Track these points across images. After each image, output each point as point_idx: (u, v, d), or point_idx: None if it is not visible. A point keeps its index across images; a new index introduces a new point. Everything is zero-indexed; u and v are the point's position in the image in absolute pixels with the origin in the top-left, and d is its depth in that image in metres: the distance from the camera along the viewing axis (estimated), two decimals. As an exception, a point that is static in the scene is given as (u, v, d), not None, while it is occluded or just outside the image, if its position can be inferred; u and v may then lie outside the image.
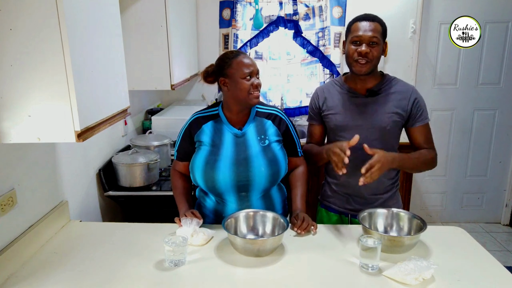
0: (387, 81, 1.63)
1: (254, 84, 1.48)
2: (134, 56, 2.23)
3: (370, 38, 1.51)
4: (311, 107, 1.75)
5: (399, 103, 1.59)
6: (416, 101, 1.60)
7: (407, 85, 1.64)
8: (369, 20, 1.53)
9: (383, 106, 1.59)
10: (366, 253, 1.27)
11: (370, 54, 1.51)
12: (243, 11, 3.11)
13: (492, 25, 3.18)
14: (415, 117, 1.61)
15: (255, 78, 1.49)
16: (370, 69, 1.54)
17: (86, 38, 1.17)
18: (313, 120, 1.76)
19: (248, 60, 1.49)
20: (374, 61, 1.53)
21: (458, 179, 3.53)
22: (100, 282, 1.24)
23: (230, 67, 1.48)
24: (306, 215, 1.55)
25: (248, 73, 1.46)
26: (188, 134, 1.59)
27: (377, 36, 1.51)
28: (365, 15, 1.55)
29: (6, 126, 1.12)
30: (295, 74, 3.31)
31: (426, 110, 1.64)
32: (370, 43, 1.51)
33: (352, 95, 1.63)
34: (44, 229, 1.50)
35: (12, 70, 1.07)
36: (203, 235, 1.45)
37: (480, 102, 3.35)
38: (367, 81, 1.60)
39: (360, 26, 1.52)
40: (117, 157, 2.11)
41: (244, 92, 1.47)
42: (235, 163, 1.50)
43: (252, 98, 1.49)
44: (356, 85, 1.63)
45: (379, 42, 1.52)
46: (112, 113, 1.35)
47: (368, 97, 1.61)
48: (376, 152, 1.46)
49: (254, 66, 1.49)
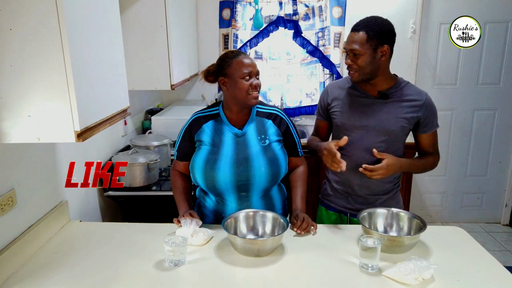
0: (400, 85, 1.61)
1: (253, 85, 1.48)
2: (134, 56, 2.23)
3: (350, 50, 1.54)
4: (320, 102, 1.76)
5: (411, 109, 1.58)
6: (429, 109, 1.59)
7: (421, 91, 1.62)
8: (355, 30, 1.53)
9: (393, 110, 1.58)
10: (366, 253, 1.27)
11: (353, 65, 1.54)
12: (243, 11, 3.11)
13: (492, 25, 3.18)
14: (426, 124, 1.60)
15: (254, 78, 1.49)
16: (360, 78, 1.55)
17: (86, 38, 1.17)
18: (320, 115, 1.77)
19: (248, 60, 1.48)
20: (361, 70, 1.54)
21: (458, 179, 3.53)
22: (100, 282, 1.24)
23: (230, 66, 1.48)
24: (306, 215, 1.55)
25: (247, 73, 1.46)
26: (188, 134, 1.59)
27: (357, 48, 1.51)
28: (355, 24, 1.55)
29: (6, 126, 1.12)
30: (295, 74, 3.31)
31: (437, 118, 1.63)
32: (353, 54, 1.53)
33: (362, 95, 1.63)
34: (44, 229, 1.50)
35: (12, 70, 1.07)
36: (203, 235, 1.45)
37: (480, 102, 3.35)
38: (378, 83, 1.60)
39: (348, 37, 1.56)
40: (117, 157, 2.11)
41: (243, 92, 1.47)
42: (235, 162, 1.50)
43: (251, 99, 1.49)
44: (367, 86, 1.62)
45: (361, 52, 1.51)
46: (112, 113, 1.35)
47: (379, 99, 1.60)
48: (385, 157, 1.48)
49: (253, 66, 1.49)
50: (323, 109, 1.74)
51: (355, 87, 1.65)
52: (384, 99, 1.59)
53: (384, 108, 1.59)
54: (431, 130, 1.62)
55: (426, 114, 1.58)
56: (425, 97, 1.60)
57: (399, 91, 1.60)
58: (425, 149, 1.66)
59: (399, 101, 1.59)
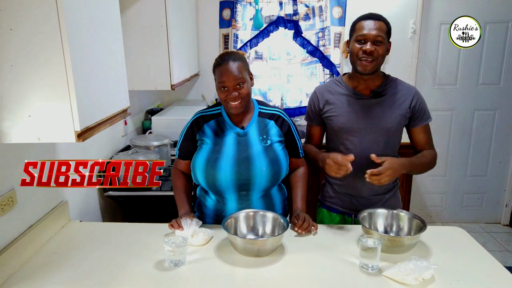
0: (390, 82, 1.62)
1: (230, 97, 1.46)
2: (134, 56, 2.23)
3: (375, 36, 1.50)
4: (310, 108, 1.74)
5: (403, 104, 1.60)
6: (419, 102, 1.61)
7: (409, 86, 1.65)
8: (374, 19, 1.53)
9: (388, 108, 1.59)
10: (366, 253, 1.27)
11: (375, 52, 1.51)
12: (243, 11, 3.11)
13: (492, 25, 3.18)
14: (418, 117, 1.62)
15: (232, 90, 1.45)
16: (374, 68, 1.54)
17: (86, 38, 1.17)
18: (312, 121, 1.75)
19: (226, 72, 1.44)
20: (379, 59, 1.53)
21: (458, 179, 3.53)
22: (100, 282, 1.24)
23: (214, 73, 1.50)
24: (307, 215, 1.55)
25: (222, 85, 1.46)
26: (190, 133, 1.59)
27: (381, 35, 1.51)
28: (370, 14, 1.55)
29: (6, 126, 1.12)
30: (295, 74, 3.31)
31: (428, 110, 1.64)
32: (375, 42, 1.51)
33: (356, 96, 1.62)
34: (44, 229, 1.50)
35: (12, 70, 1.07)
36: (203, 235, 1.45)
37: (480, 102, 3.35)
38: (370, 81, 1.60)
39: (365, 25, 1.52)
40: (117, 157, 2.11)
41: (222, 100, 1.50)
42: (237, 162, 1.50)
43: (230, 108, 1.49)
44: (359, 86, 1.62)
45: (383, 41, 1.52)
46: (112, 113, 1.35)
47: (372, 98, 1.60)
48: (385, 159, 1.48)
49: (230, 79, 1.43)
50: (315, 114, 1.72)
51: (346, 88, 1.65)
52: (377, 98, 1.60)
53: (379, 107, 1.60)
54: (425, 122, 1.63)
55: (418, 107, 1.61)
56: (414, 90, 1.64)
57: (390, 88, 1.61)
58: (421, 144, 1.66)
59: (392, 97, 1.60)
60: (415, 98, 1.60)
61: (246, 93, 1.47)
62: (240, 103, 1.47)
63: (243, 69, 1.47)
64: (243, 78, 1.46)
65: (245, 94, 1.47)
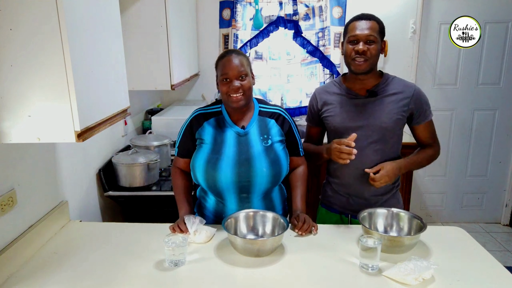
0: (387, 80, 1.62)
1: (231, 88, 1.45)
2: (134, 56, 2.23)
3: (366, 36, 1.51)
4: (310, 109, 1.76)
5: (401, 102, 1.59)
6: (419, 99, 1.60)
7: (408, 83, 1.64)
8: (365, 19, 1.53)
9: (384, 107, 1.59)
10: (366, 253, 1.27)
11: (367, 52, 1.52)
12: (243, 11, 3.11)
13: (492, 25, 3.18)
14: (419, 115, 1.61)
15: (235, 81, 1.44)
16: (368, 67, 1.54)
17: (86, 38, 1.17)
18: (312, 122, 1.77)
19: (229, 63, 1.45)
20: (372, 59, 1.54)
21: (458, 179, 3.53)
22: (100, 282, 1.24)
23: (217, 68, 1.50)
24: (307, 216, 1.55)
25: (224, 77, 1.45)
26: (189, 131, 1.58)
27: (373, 35, 1.51)
28: (361, 15, 1.56)
29: (6, 126, 1.12)
30: (295, 74, 3.31)
31: (430, 107, 1.64)
32: (367, 42, 1.52)
33: (352, 96, 1.63)
34: (44, 229, 1.50)
35: (12, 70, 1.07)
36: (205, 233, 1.45)
37: (480, 102, 3.35)
38: (367, 81, 1.60)
39: (357, 25, 1.53)
40: (117, 157, 2.11)
41: (223, 94, 1.48)
42: (237, 163, 1.49)
43: (231, 101, 1.47)
44: (355, 86, 1.63)
45: (376, 40, 1.52)
46: (112, 113, 1.34)
47: (368, 97, 1.60)
48: (380, 167, 1.53)
49: (233, 69, 1.44)
50: (314, 115, 1.74)
51: (343, 89, 1.65)
52: (373, 97, 1.60)
53: (375, 106, 1.60)
54: (426, 120, 1.63)
55: (418, 105, 1.60)
56: (413, 89, 1.61)
57: (386, 87, 1.61)
58: (423, 140, 1.67)
59: (388, 96, 1.60)
60: (414, 96, 1.59)
61: (248, 87, 1.47)
62: (242, 96, 1.46)
63: (246, 63, 1.48)
64: (246, 71, 1.47)
65: (247, 88, 1.47)
